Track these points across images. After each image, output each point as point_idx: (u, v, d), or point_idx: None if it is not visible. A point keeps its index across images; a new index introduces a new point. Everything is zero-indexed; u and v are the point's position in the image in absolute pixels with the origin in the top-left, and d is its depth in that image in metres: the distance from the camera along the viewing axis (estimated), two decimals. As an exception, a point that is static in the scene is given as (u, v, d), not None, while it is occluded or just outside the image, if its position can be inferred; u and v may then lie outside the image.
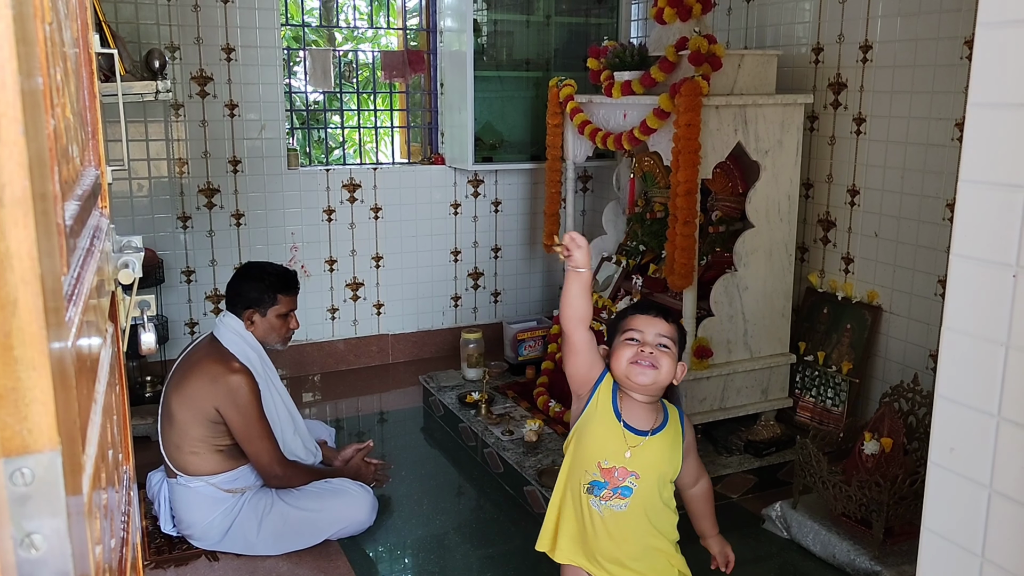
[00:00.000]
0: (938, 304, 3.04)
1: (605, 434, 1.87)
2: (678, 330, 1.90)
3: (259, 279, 2.77)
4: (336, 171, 4.31)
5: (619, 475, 1.83)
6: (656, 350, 1.83)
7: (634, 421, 1.87)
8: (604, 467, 1.85)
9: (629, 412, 1.88)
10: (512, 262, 4.78)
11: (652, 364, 1.81)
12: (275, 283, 2.79)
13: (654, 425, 1.87)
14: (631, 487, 1.84)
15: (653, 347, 1.83)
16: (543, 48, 4.62)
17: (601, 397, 1.90)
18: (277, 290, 2.79)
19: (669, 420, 1.91)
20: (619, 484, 1.84)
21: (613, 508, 1.84)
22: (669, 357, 1.84)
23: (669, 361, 1.84)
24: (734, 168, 3.41)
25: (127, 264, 1.17)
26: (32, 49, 0.59)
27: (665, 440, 1.87)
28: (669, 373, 1.84)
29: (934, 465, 1.17)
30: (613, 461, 1.84)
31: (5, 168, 0.49)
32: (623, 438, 1.85)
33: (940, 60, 2.95)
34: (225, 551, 2.72)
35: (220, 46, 3.94)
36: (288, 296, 2.82)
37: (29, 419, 0.52)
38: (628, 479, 1.84)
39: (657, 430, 1.87)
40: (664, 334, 1.85)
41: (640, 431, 1.86)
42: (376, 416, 4.01)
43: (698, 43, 3.08)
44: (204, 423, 2.63)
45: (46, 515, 0.54)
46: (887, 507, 2.50)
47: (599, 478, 1.85)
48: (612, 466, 1.84)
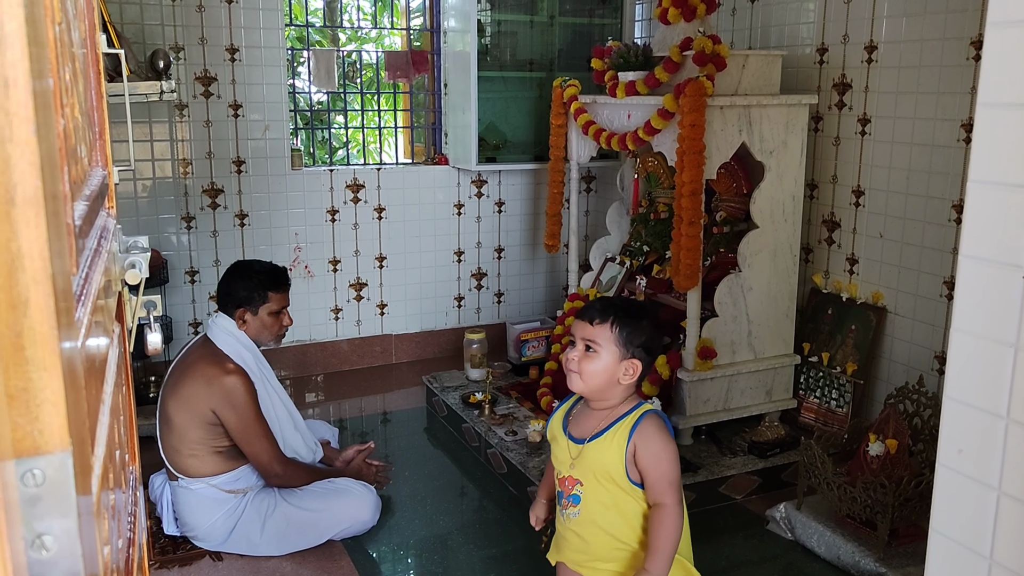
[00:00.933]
0: (943, 305, 3.04)
1: (556, 446, 1.91)
2: (621, 325, 1.80)
3: (248, 277, 2.75)
4: (340, 171, 4.31)
5: (568, 484, 1.86)
6: (581, 355, 1.80)
7: (579, 429, 1.87)
8: (560, 477, 1.89)
9: (578, 421, 1.89)
10: (515, 262, 4.78)
11: (571, 369, 1.81)
12: (265, 280, 2.76)
13: (595, 431, 1.84)
14: (579, 495, 1.85)
15: (579, 351, 1.81)
16: (547, 48, 4.61)
17: (558, 414, 1.95)
18: (267, 287, 2.76)
19: (616, 426, 1.82)
20: (570, 492, 1.86)
21: (571, 516, 1.87)
22: (595, 360, 1.79)
23: (594, 364, 1.79)
24: (738, 169, 3.41)
25: (134, 264, 1.17)
26: (43, 49, 0.59)
27: (601, 446, 1.82)
28: (596, 375, 1.79)
29: (942, 467, 1.16)
30: (564, 471, 1.87)
31: (17, 167, 0.49)
32: (567, 448, 1.87)
33: (946, 61, 2.94)
34: (229, 552, 2.72)
35: (224, 46, 3.94)
36: (279, 293, 2.79)
37: (40, 420, 0.52)
38: (576, 487, 1.85)
39: (596, 436, 1.83)
40: (588, 337, 1.80)
41: (578, 439, 1.85)
42: (379, 416, 4.01)
43: (702, 43, 3.07)
44: (202, 425, 2.63)
45: (57, 516, 0.54)
46: (892, 509, 2.49)
47: (559, 488, 1.90)
48: (564, 476, 1.87)
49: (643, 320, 1.84)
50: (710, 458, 3.16)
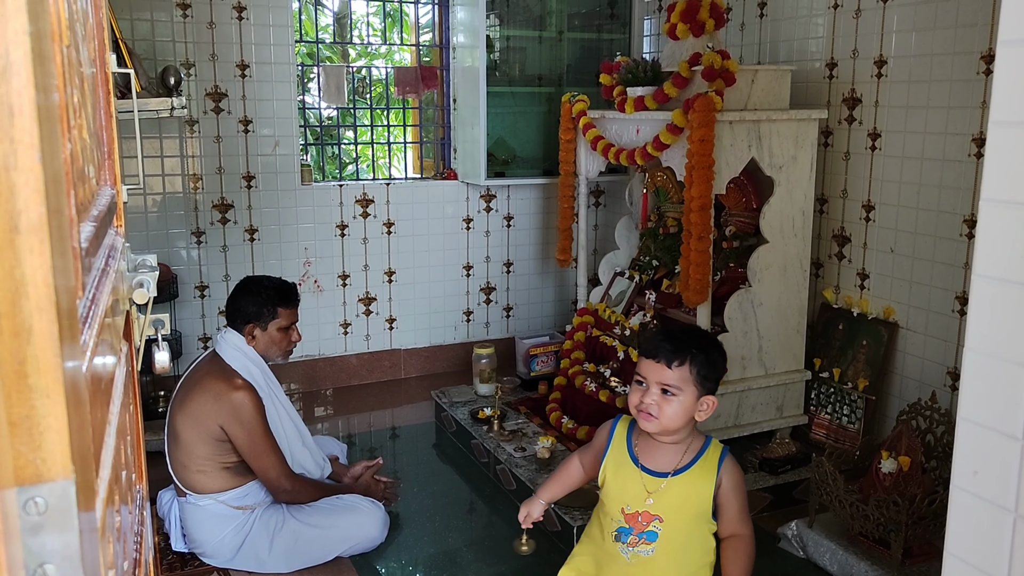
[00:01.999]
0: (955, 321, 3.01)
1: (624, 479, 1.83)
2: (699, 364, 1.76)
3: (258, 293, 2.76)
4: (349, 186, 4.32)
5: (643, 520, 1.80)
6: (660, 397, 1.76)
7: (653, 462, 1.82)
8: (628, 512, 1.82)
9: (647, 452, 1.84)
10: (524, 277, 4.77)
11: (650, 414, 1.76)
12: (274, 296, 2.77)
13: (678, 465, 1.80)
14: (656, 531, 1.79)
15: (656, 395, 1.76)
16: (555, 64, 4.63)
17: (617, 440, 1.89)
18: (276, 303, 2.77)
19: (701, 458, 1.82)
20: (644, 529, 1.80)
21: (640, 554, 1.80)
22: (674, 403, 1.76)
23: (674, 407, 1.75)
24: (748, 183, 3.40)
25: (142, 284, 1.17)
26: (50, 73, 0.59)
27: (691, 480, 1.79)
28: (676, 417, 1.76)
29: (957, 489, 1.14)
30: (636, 506, 1.81)
31: (21, 195, 0.49)
32: (642, 482, 1.81)
33: (956, 75, 2.93)
34: (237, 568, 2.71)
35: (235, 63, 3.96)
36: (288, 309, 2.80)
37: (43, 448, 0.52)
38: (652, 523, 1.79)
39: (681, 470, 1.80)
40: (666, 381, 1.76)
41: (659, 473, 1.80)
42: (388, 431, 4.00)
43: (711, 58, 3.07)
44: (210, 441, 2.62)
45: (59, 544, 0.53)
46: (905, 527, 2.46)
47: (624, 524, 1.82)
48: (635, 511, 1.81)
49: (715, 353, 1.81)
50: (720, 475, 3.14)
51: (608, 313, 3.82)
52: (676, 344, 1.76)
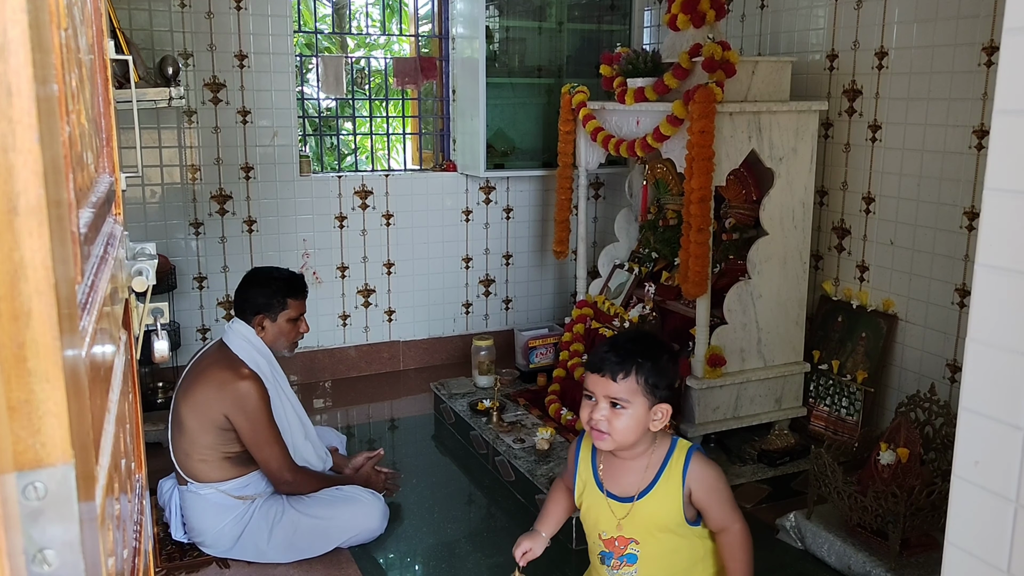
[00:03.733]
0: (955, 313, 3.01)
1: (594, 506, 1.79)
2: (646, 373, 1.67)
3: (268, 284, 2.77)
4: (348, 178, 4.31)
5: (619, 544, 1.76)
6: (609, 412, 1.67)
7: (618, 486, 1.76)
8: (604, 538, 1.78)
9: (612, 474, 1.78)
10: (523, 269, 4.77)
11: (601, 431, 1.68)
12: (284, 287, 2.78)
13: (641, 487, 1.73)
14: (635, 553, 1.75)
15: (605, 409, 1.67)
16: (555, 55, 4.61)
17: (583, 463, 1.83)
18: (286, 294, 2.78)
19: (664, 472, 1.73)
20: (623, 553, 1.76)
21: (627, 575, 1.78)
22: (624, 416, 1.67)
23: (624, 420, 1.67)
24: (748, 175, 3.40)
25: (140, 272, 1.16)
26: (48, 55, 0.58)
27: (655, 501, 1.73)
28: (628, 431, 1.67)
29: (958, 479, 1.14)
30: (610, 532, 1.76)
31: (20, 176, 0.48)
32: (609, 508, 1.75)
33: (957, 67, 2.92)
34: (236, 558, 2.71)
35: (233, 53, 3.95)
36: (298, 300, 2.81)
37: (42, 432, 0.51)
38: (629, 546, 1.75)
39: (645, 491, 1.73)
40: (613, 395, 1.66)
41: (624, 498, 1.74)
42: (387, 423, 4.00)
43: (712, 49, 3.06)
44: (213, 430, 2.62)
45: (58, 530, 0.53)
46: (904, 518, 2.47)
47: (604, 548, 1.79)
48: (611, 536, 1.77)
49: (663, 358, 1.70)
50: (719, 466, 3.14)
51: (607, 305, 3.82)
52: (620, 355, 1.67)
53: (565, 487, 1.94)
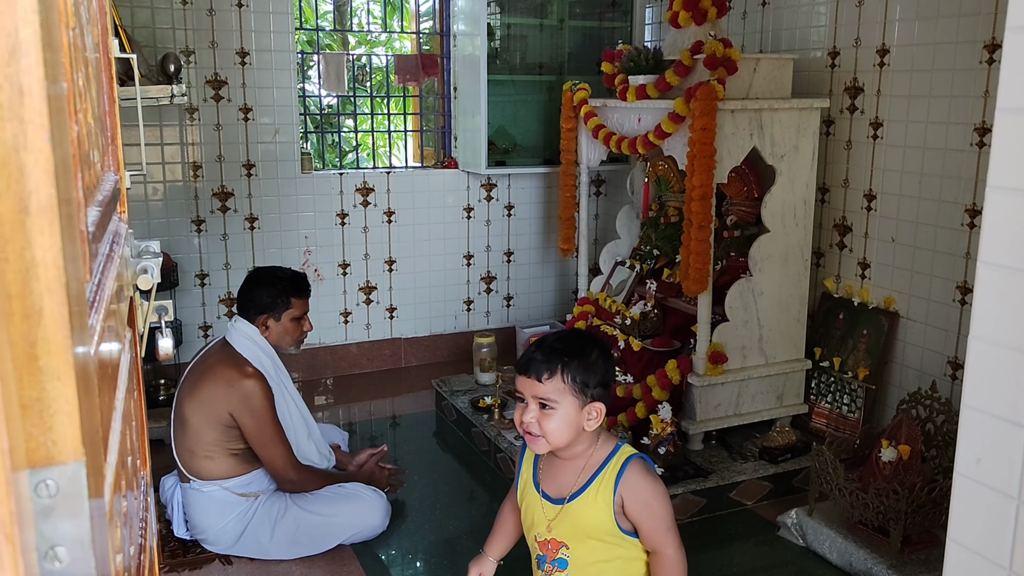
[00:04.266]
0: (956, 310, 3.02)
1: (531, 506, 1.75)
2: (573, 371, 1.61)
3: (271, 284, 2.77)
4: (349, 175, 4.31)
5: (552, 547, 1.71)
6: (539, 413, 1.62)
7: (553, 486, 1.71)
8: (539, 540, 1.74)
9: (549, 474, 1.74)
10: (525, 266, 4.77)
11: (532, 433, 1.63)
12: (288, 287, 2.79)
13: (574, 489, 1.67)
14: (564, 559, 1.70)
15: (534, 411, 1.62)
16: (557, 52, 4.61)
17: (525, 463, 1.79)
18: (290, 294, 2.79)
19: (597, 478, 1.67)
20: (554, 556, 1.71)
21: None
22: (554, 417, 1.61)
23: (555, 421, 1.61)
24: (749, 173, 3.40)
25: (146, 269, 1.17)
26: (57, 55, 0.59)
27: (585, 504, 1.66)
28: (560, 432, 1.62)
29: (960, 476, 1.15)
30: (543, 534, 1.72)
31: (31, 176, 0.49)
32: (542, 509, 1.71)
33: (959, 64, 2.92)
34: (238, 555, 2.71)
35: (235, 50, 3.95)
36: (301, 299, 2.82)
37: (54, 430, 0.52)
38: (560, 551, 1.70)
39: (576, 494, 1.67)
40: (540, 395, 1.61)
41: (557, 499, 1.69)
42: (389, 420, 4.01)
43: (713, 47, 3.06)
44: (217, 428, 2.63)
45: (69, 527, 0.53)
46: (905, 515, 2.47)
47: (540, 551, 1.74)
48: (545, 539, 1.72)
49: (592, 354, 1.65)
50: (720, 463, 3.15)
51: (609, 302, 3.82)
52: (546, 354, 1.62)
53: (510, 505, 1.89)
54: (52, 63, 0.54)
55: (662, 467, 3.00)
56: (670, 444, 3.03)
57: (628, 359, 3.52)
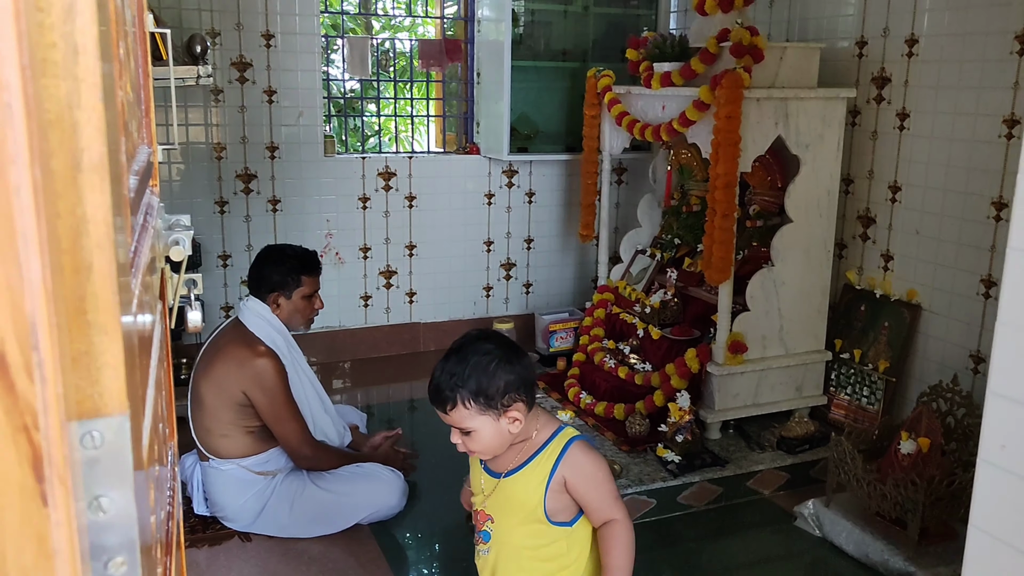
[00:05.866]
0: (980, 303, 2.99)
1: (474, 476, 1.77)
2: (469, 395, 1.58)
3: (282, 262, 2.78)
4: (372, 159, 4.33)
5: (480, 518, 1.73)
6: (464, 439, 1.64)
7: (497, 461, 1.71)
8: (475, 509, 1.76)
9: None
10: (545, 253, 4.77)
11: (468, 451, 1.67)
12: (298, 265, 2.80)
13: (512, 466, 1.68)
14: (488, 531, 1.71)
15: (458, 436, 1.65)
16: (581, 39, 4.59)
17: None
18: (301, 272, 2.80)
19: (537, 457, 1.67)
20: (481, 528, 1.73)
21: (480, 553, 1.75)
22: (476, 437, 1.62)
23: (479, 442, 1.62)
24: (773, 162, 3.38)
25: (177, 242, 1.18)
26: (107, 21, 0.60)
27: (520, 481, 1.67)
28: (489, 447, 1.63)
29: (984, 462, 1.15)
30: (477, 504, 1.75)
31: (84, 133, 0.50)
32: (481, 481, 1.74)
33: (989, 55, 2.89)
34: (257, 533, 2.75)
35: (260, 32, 3.97)
36: (312, 277, 2.83)
37: (100, 383, 0.53)
38: (486, 523, 1.72)
39: (513, 471, 1.68)
40: (454, 424, 1.62)
41: (496, 473, 1.71)
42: (406, 403, 4.03)
43: (740, 35, 3.05)
44: (233, 406, 2.66)
45: (114, 478, 0.54)
46: (923, 507, 2.47)
47: (474, 522, 1.77)
48: (478, 509, 1.74)
49: (485, 364, 1.60)
50: (738, 452, 3.15)
51: (628, 291, 3.82)
52: (440, 385, 1.60)
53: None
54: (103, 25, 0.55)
55: (679, 455, 3.01)
56: (688, 432, 3.03)
57: (647, 347, 3.52)
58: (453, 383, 1.58)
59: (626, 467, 3.00)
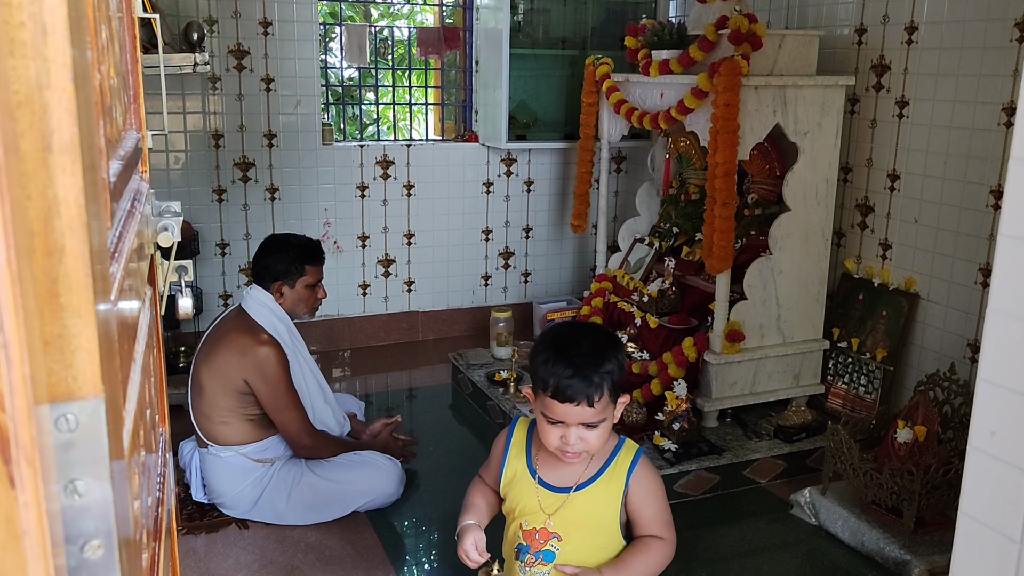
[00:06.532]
0: (978, 292, 2.99)
1: (523, 494, 1.66)
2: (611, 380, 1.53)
3: (285, 251, 2.78)
4: (370, 147, 4.32)
5: (540, 538, 1.64)
6: (583, 434, 1.55)
7: (554, 476, 1.65)
8: (526, 529, 1.65)
9: (549, 464, 1.66)
10: (543, 242, 4.77)
11: (579, 454, 1.57)
12: (301, 254, 2.80)
13: (580, 479, 1.62)
14: (553, 551, 1.63)
15: (578, 433, 1.54)
16: (580, 26, 4.57)
17: (516, 448, 1.72)
18: (304, 261, 2.80)
19: (607, 469, 1.62)
20: (540, 548, 1.64)
21: (536, 574, 1.65)
22: (599, 430, 1.55)
23: (600, 434, 1.56)
24: (772, 150, 3.37)
25: (166, 228, 1.18)
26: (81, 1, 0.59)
27: (594, 495, 1.61)
28: (603, 441, 1.58)
29: (974, 449, 1.14)
30: (534, 523, 1.64)
31: (54, 114, 0.49)
32: (538, 497, 1.64)
33: (989, 42, 2.87)
34: (255, 520, 2.75)
35: (257, 20, 3.95)
36: (315, 266, 2.83)
37: (74, 366, 0.53)
38: (550, 542, 1.63)
39: (584, 485, 1.62)
40: (589, 420, 1.53)
41: (560, 488, 1.63)
42: (405, 392, 4.04)
43: (738, 22, 3.03)
44: (233, 394, 2.66)
45: (89, 462, 0.54)
46: (919, 496, 2.47)
47: (523, 541, 1.66)
48: (533, 528, 1.64)
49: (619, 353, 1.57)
50: (735, 441, 3.15)
51: (626, 279, 3.81)
52: (585, 375, 1.50)
53: (485, 483, 1.81)
54: (76, 7, 0.55)
55: (676, 443, 3.01)
56: (685, 421, 3.03)
57: (645, 336, 3.52)
58: (598, 370, 1.51)
59: (623, 455, 3.00)
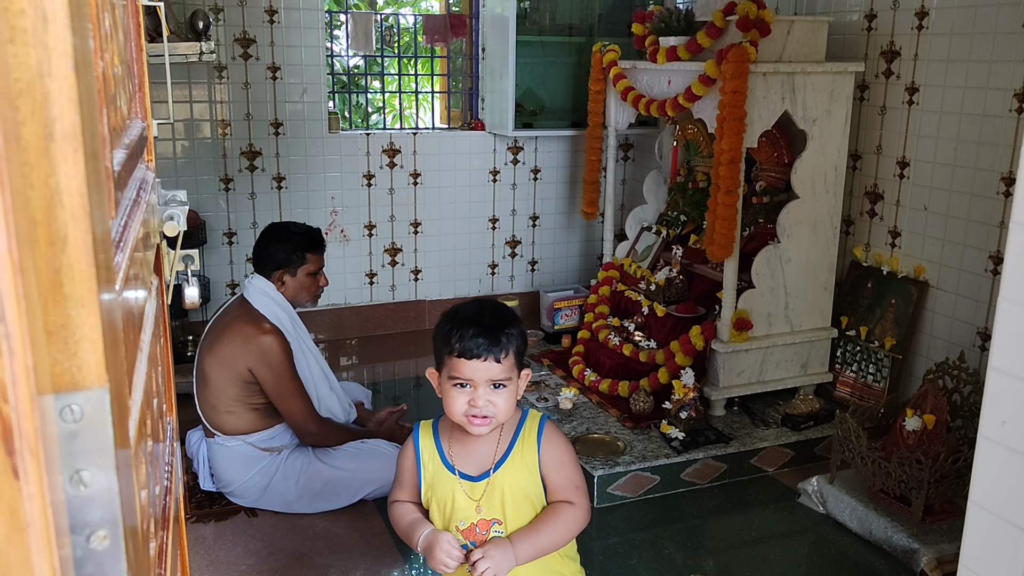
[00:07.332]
0: (988, 280, 2.97)
1: (447, 494, 1.64)
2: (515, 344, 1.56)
3: (286, 240, 2.78)
4: (376, 136, 4.31)
5: (480, 529, 1.62)
6: (491, 396, 1.55)
7: (471, 464, 1.63)
8: (462, 529, 1.63)
9: (464, 454, 1.65)
10: (550, 231, 4.76)
11: (488, 417, 1.56)
12: (303, 242, 2.80)
13: (496, 458, 1.62)
14: (499, 535, 1.61)
15: (486, 394, 1.55)
16: (587, 13, 4.55)
17: (426, 452, 1.69)
18: (305, 249, 2.80)
19: (518, 441, 1.63)
20: (485, 539, 1.61)
21: None
22: (505, 393, 1.56)
23: (506, 397, 1.56)
24: (780, 137, 3.35)
25: (172, 217, 1.18)
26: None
27: (513, 467, 1.62)
28: (510, 407, 1.58)
29: (984, 438, 1.14)
30: (468, 518, 1.62)
31: (55, 102, 0.49)
32: (464, 493, 1.62)
33: (1000, 27, 2.84)
34: (263, 508, 2.76)
35: (263, 8, 3.94)
36: (316, 254, 2.83)
37: (78, 356, 0.52)
38: (491, 528, 1.61)
39: (500, 462, 1.62)
40: (496, 377, 1.54)
41: (480, 476, 1.62)
42: (412, 380, 4.04)
43: (746, 8, 3.01)
44: (238, 383, 2.67)
45: (94, 452, 0.54)
46: (927, 484, 2.46)
47: (463, 540, 1.62)
48: (470, 524, 1.62)
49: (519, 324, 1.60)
50: (742, 429, 3.14)
51: (634, 268, 3.80)
52: (492, 334, 1.53)
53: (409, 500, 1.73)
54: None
55: (684, 432, 3.01)
56: (692, 409, 3.03)
57: (652, 324, 3.51)
58: (503, 330, 1.54)
59: (630, 444, 3.00)
